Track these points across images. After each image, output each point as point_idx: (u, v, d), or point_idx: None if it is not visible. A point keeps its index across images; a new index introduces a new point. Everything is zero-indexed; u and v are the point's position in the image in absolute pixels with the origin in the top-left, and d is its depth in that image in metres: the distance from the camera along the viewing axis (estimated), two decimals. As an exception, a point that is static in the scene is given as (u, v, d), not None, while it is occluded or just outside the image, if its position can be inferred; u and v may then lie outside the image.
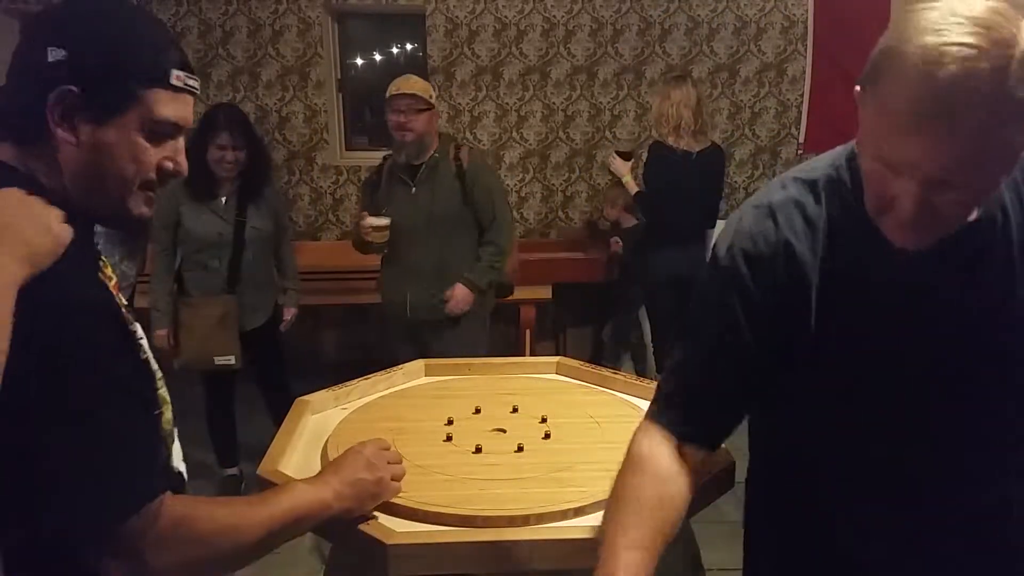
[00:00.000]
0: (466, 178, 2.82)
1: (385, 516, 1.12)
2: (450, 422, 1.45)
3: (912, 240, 0.83)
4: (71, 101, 0.83)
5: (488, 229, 2.90)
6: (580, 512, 1.14)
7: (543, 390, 1.65)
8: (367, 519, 1.10)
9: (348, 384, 1.62)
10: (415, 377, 1.75)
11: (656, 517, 0.91)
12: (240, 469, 3.26)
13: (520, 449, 1.33)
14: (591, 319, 4.62)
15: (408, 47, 4.89)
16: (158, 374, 0.94)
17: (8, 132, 0.87)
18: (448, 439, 1.37)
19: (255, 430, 3.14)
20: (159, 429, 0.93)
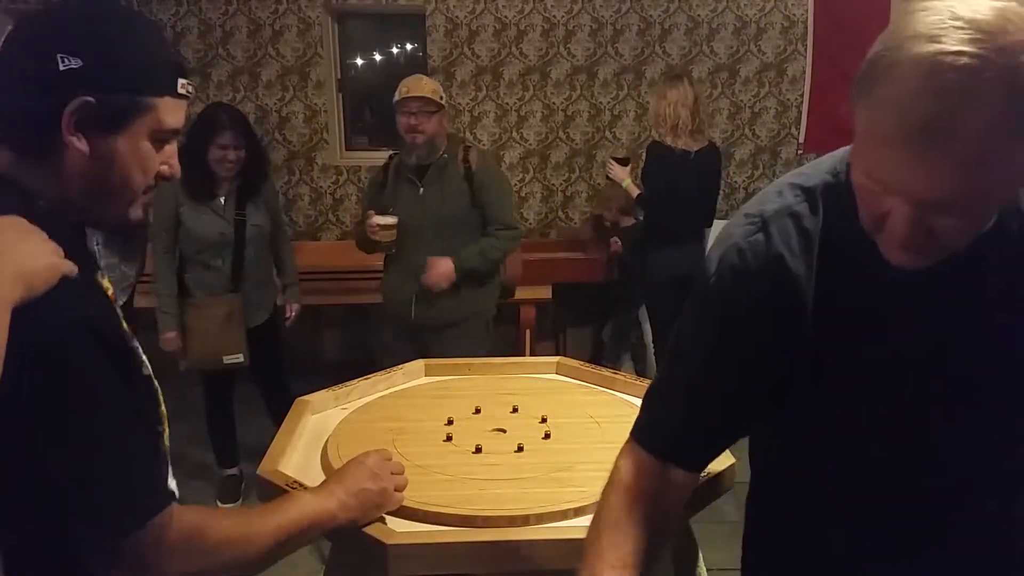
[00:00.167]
0: (475, 180, 2.80)
1: (385, 516, 1.12)
2: (450, 422, 1.45)
3: (907, 260, 0.77)
4: (87, 111, 0.83)
5: (492, 225, 2.87)
6: (580, 512, 1.15)
7: (543, 390, 1.65)
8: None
9: (348, 384, 1.62)
10: (415, 377, 1.75)
11: (638, 536, 0.91)
12: (240, 469, 3.26)
13: (520, 449, 1.34)
14: (591, 319, 4.61)
15: (408, 47, 4.89)
16: (159, 392, 0.95)
17: (5, 139, 0.85)
18: (448, 439, 1.37)
19: (255, 430, 3.14)
20: (161, 446, 0.94)
